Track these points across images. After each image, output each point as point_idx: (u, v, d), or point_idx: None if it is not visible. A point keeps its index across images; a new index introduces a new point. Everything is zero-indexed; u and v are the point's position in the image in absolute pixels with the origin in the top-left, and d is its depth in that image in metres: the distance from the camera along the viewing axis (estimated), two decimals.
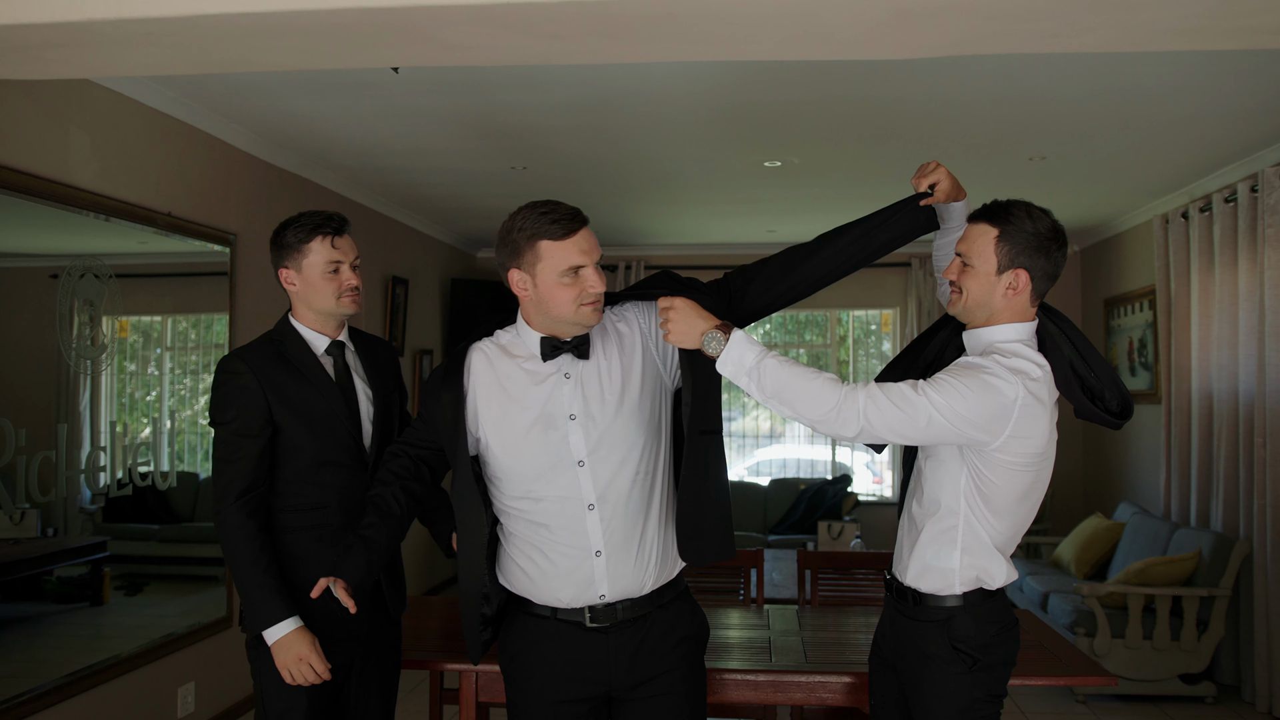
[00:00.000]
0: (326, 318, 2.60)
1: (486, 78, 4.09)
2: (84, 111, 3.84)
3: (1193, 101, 4.38)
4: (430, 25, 2.49)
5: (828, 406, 2.12)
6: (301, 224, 2.55)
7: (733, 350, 2.14)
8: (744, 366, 2.14)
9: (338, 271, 2.56)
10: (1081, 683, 2.88)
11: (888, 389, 2.13)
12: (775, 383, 2.13)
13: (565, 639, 2.26)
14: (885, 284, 8.62)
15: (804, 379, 2.13)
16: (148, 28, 2.50)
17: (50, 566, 3.80)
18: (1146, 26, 2.46)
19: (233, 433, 2.47)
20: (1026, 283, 2.21)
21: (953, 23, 2.46)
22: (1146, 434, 6.85)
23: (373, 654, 2.63)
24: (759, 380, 2.14)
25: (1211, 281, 5.67)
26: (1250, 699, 5.15)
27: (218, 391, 2.51)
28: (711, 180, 6.01)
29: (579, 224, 2.19)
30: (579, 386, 2.24)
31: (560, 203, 2.21)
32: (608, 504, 2.22)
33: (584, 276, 2.18)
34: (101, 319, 3.97)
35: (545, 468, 2.21)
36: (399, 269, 7.05)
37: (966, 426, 2.11)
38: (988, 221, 2.23)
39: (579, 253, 2.17)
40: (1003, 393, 2.11)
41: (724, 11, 2.40)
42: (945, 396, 2.10)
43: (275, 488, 2.52)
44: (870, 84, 4.18)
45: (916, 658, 2.30)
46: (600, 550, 2.22)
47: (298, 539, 2.52)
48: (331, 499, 2.53)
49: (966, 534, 2.25)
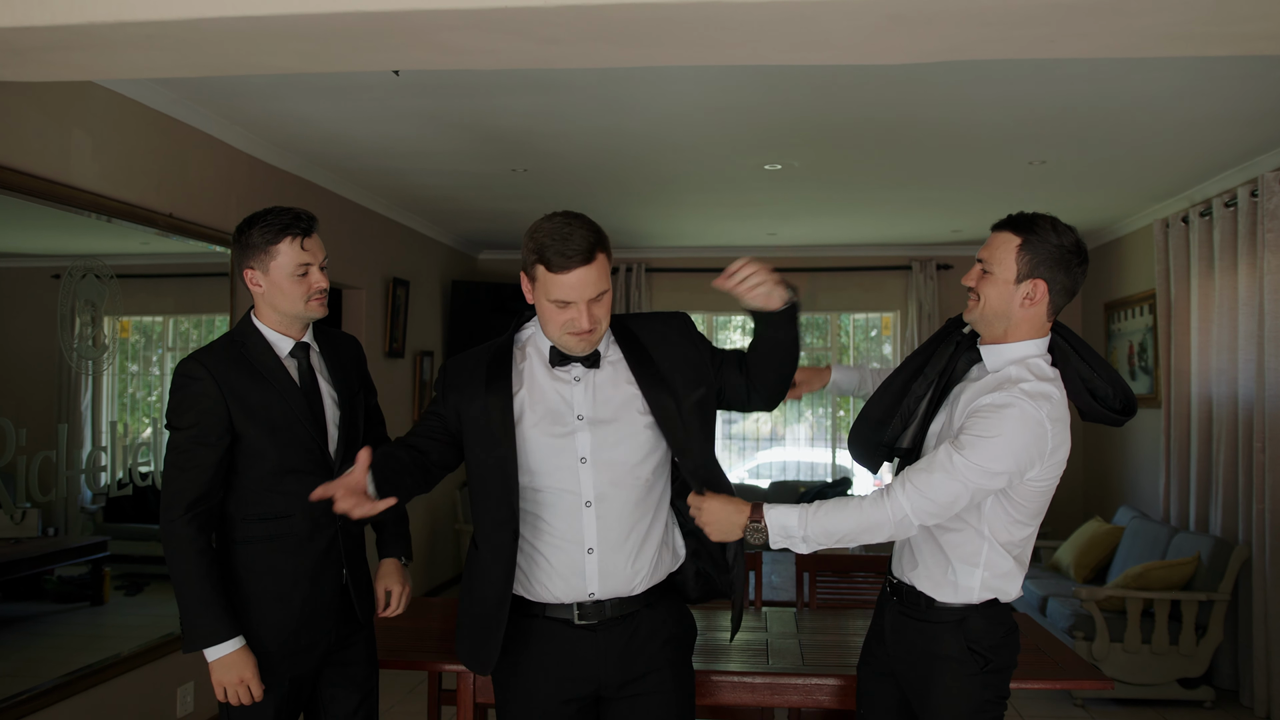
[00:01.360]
0: (292, 320, 2.50)
1: (487, 80, 4.10)
2: (86, 113, 3.86)
3: (1193, 106, 4.38)
4: (429, 29, 2.51)
5: (885, 531, 2.17)
6: (268, 223, 2.43)
7: (775, 532, 2.19)
8: (793, 537, 2.19)
9: (306, 274, 2.45)
10: (1079, 686, 2.89)
11: (924, 481, 2.14)
12: (826, 534, 2.18)
13: (554, 638, 2.27)
14: (886, 287, 8.63)
15: (849, 518, 2.17)
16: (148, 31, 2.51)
17: (51, 566, 3.81)
18: (1142, 32, 2.47)
19: (189, 439, 2.36)
20: (1044, 294, 2.21)
21: (949, 28, 2.47)
22: (1146, 438, 6.85)
23: (343, 661, 2.57)
24: (812, 542, 2.19)
25: (1211, 286, 5.67)
26: (1248, 704, 5.15)
27: (175, 395, 2.40)
28: (712, 183, 6.02)
29: (576, 263, 2.13)
30: (590, 390, 2.25)
31: (574, 231, 2.15)
32: (605, 502, 2.23)
33: (572, 309, 2.16)
34: (103, 319, 3.99)
35: (548, 461, 2.23)
36: (400, 270, 7.07)
37: (1010, 473, 2.14)
38: (1011, 230, 2.23)
39: (569, 289, 2.14)
40: (1038, 423, 2.12)
41: (721, 17, 2.41)
42: (981, 457, 2.10)
43: (235, 496, 2.43)
44: (871, 88, 4.19)
45: (926, 660, 2.29)
46: (593, 548, 2.24)
47: (255, 551, 2.43)
48: (296, 508, 2.42)
49: (990, 553, 2.25)
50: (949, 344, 2.39)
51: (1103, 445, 7.63)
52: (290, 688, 2.46)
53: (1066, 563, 6.40)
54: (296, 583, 2.45)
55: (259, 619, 2.42)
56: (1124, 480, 7.34)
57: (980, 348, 2.31)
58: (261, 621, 2.42)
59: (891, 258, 8.47)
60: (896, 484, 2.17)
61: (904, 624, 2.36)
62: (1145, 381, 6.88)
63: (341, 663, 2.58)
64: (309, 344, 2.55)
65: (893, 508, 2.15)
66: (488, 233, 7.95)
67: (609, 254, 2.21)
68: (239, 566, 2.44)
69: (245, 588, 2.43)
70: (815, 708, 3.07)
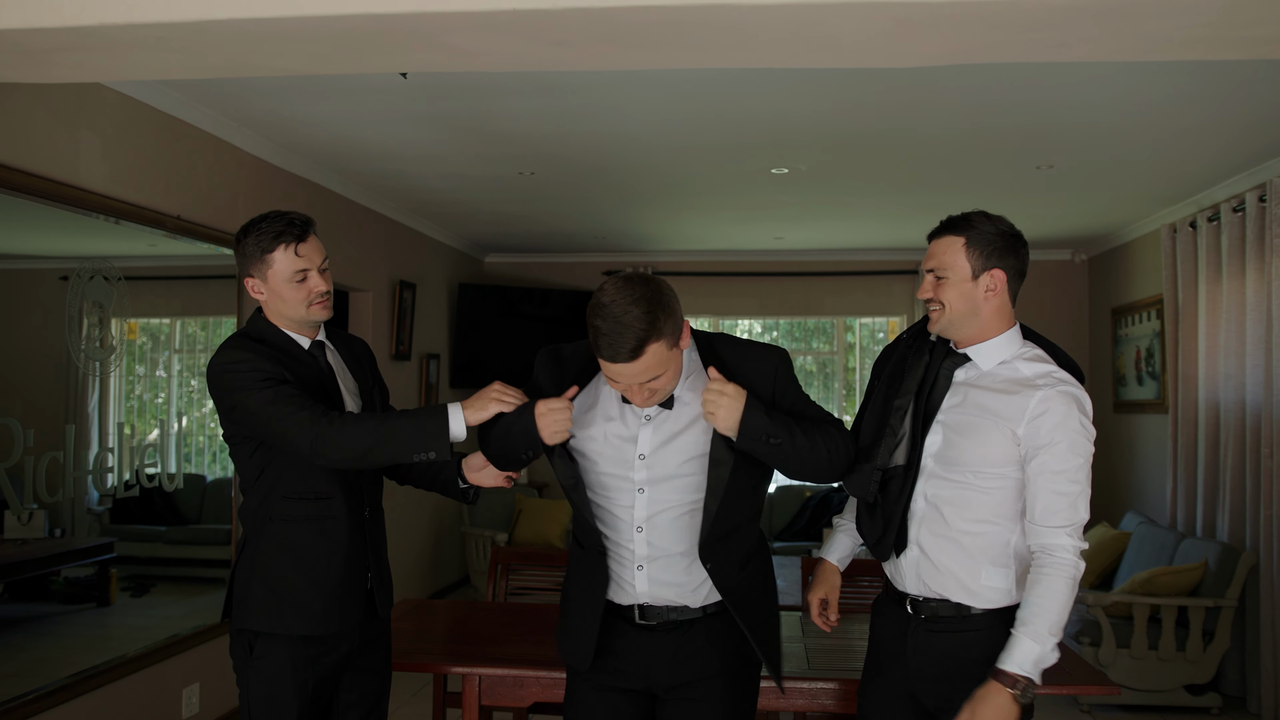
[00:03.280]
0: (299, 325, 2.51)
1: (495, 83, 4.11)
2: (94, 115, 3.87)
3: (1201, 111, 4.38)
4: (437, 31, 2.51)
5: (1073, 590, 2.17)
6: (262, 231, 2.42)
7: (1037, 674, 2.14)
8: (1047, 659, 2.16)
9: (305, 279, 2.44)
10: (1086, 692, 2.88)
11: (1072, 512, 2.16)
12: (1058, 629, 2.18)
13: (612, 630, 2.34)
14: (892, 291, 8.62)
15: (1057, 604, 2.15)
16: (157, 32, 2.52)
17: (57, 567, 3.82)
18: (1149, 36, 2.46)
19: (265, 381, 2.33)
20: (1003, 282, 2.26)
21: (956, 31, 2.47)
22: (1153, 444, 6.83)
23: (363, 655, 2.58)
24: (1055, 645, 2.19)
25: (1219, 291, 5.66)
26: (1256, 710, 5.13)
27: (229, 373, 2.37)
28: (718, 186, 6.03)
29: (623, 359, 2.09)
30: (655, 430, 2.27)
31: (625, 330, 2.07)
32: (656, 529, 2.28)
33: (624, 387, 2.18)
34: (110, 321, 4.00)
35: (608, 483, 2.30)
36: (407, 273, 7.08)
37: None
38: (951, 233, 2.28)
39: (618, 375, 2.14)
40: (1083, 401, 2.21)
41: (729, 19, 2.41)
42: (1084, 478, 2.18)
43: (281, 473, 2.43)
44: (878, 92, 4.19)
45: (968, 670, 2.22)
46: (642, 565, 2.29)
47: (294, 530, 2.44)
48: (335, 490, 2.46)
49: (1018, 547, 2.26)
50: (920, 355, 2.38)
51: (1110, 451, 7.61)
52: (313, 691, 2.46)
53: None
54: (330, 565, 2.46)
55: (292, 601, 2.42)
56: (1131, 485, 7.32)
57: (966, 350, 2.31)
58: (295, 603, 2.42)
59: (897, 262, 8.47)
60: (1048, 538, 2.17)
61: (933, 641, 2.29)
62: (1153, 387, 6.86)
63: (358, 669, 2.58)
64: (323, 342, 2.58)
65: (1074, 567, 2.15)
66: (495, 236, 7.96)
67: (670, 336, 2.12)
68: (276, 545, 2.44)
69: (280, 568, 2.44)
70: (820, 712, 3.06)
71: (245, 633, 2.44)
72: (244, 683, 2.45)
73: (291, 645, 2.42)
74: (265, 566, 2.44)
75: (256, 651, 2.43)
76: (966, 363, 2.31)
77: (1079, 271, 8.31)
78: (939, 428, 2.30)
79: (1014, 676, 2.12)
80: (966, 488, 2.26)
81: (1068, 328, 8.16)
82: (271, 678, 2.41)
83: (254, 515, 2.48)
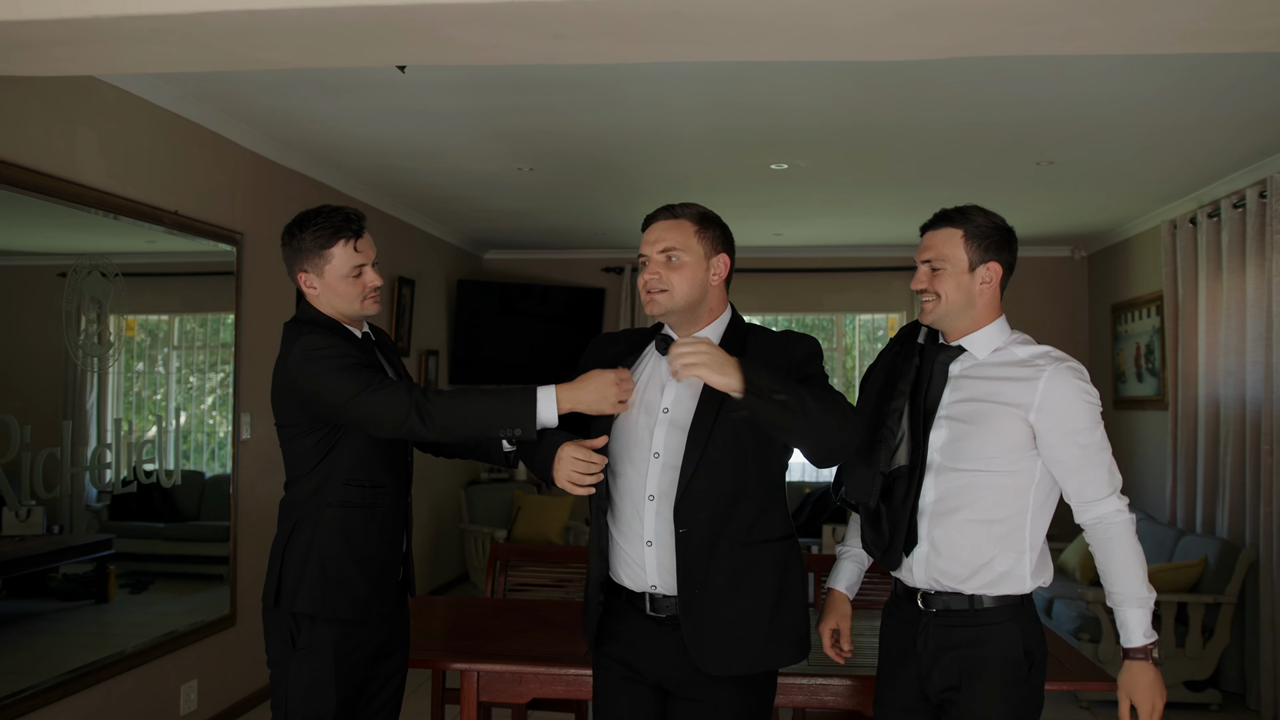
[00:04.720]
0: (350, 318, 2.53)
1: (494, 78, 4.10)
2: (91, 110, 3.86)
3: (1201, 107, 4.37)
4: (436, 24, 2.50)
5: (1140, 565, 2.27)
6: (320, 227, 2.43)
7: (1143, 634, 2.27)
8: (1141, 631, 2.27)
9: (361, 275, 2.47)
10: (1086, 688, 2.87)
11: (1109, 477, 2.25)
12: (1149, 595, 2.27)
13: (626, 619, 2.34)
14: (891, 288, 8.61)
15: (1134, 566, 2.24)
16: (154, 25, 2.51)
17: (56, 563, 3.81)
18: (1151, 29, 2.46)
19: (358, 364, 2.34)
20: (998, 274, 2.29)
21: (957, 24, 2.47)
22: (1153, 440, 6.83)
23: (392, 639, 2.61)
24: (1150, 612, 2.29)
25: (1219, 288, 5.65)
26: (1255, 707, 5.13)
27: (327, 348, 2.35)
28: (718, 182, 6.01)
29: (662, 216, 2.30)
30: (680, 388, 2.28)
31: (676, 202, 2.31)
32: (666, 500, 2.24)
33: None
34: (108, 317, 3.99)
35: (628, 447, 2.30)
36: (406, 269, 7.07)
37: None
38: (949, 225, 2.31)
39: (644, 243, 2.31)
40: (1083, 372, 2.25)
41: (729, 12, 2.40)
42: (1107, 443, 2.25)
43: (342, 459, 2.45)
44: (878, 88, 4.18)
45: (977, 666, 2.21)
46: (651, 541, 2.27)
47: (350, 515, 2.45)
48: (389, 480, 2.51)
49: (1031, 533, 2.26)
50: (909, 358, 2.37)
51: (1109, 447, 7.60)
52: (349, 677, 2.47)
53: (1073, 565, 6.37)
54: (378, 550, 2.50)
55: (339, 582, 2.44)
56: (1130, 482, 7.31)
57: (960, 343, 2.31)
58: (342, 585, 2.44)
59: (897, 259, 8.45)
60: (1100, 509, 2.24)
61: (945, 634, 2.26)
62: (1152, 383, 6.86)
63: (390, 642, 2.61)
64: (370, 334, 2.61)
65: (1130, 524, 2.24)
66: (494, 232, 7.95)
67: (710, 239, 2.29)
68: (330, 528, 2.45)
69: (332, 549, 2.45)
70: (820, 708, 3.05)
71: (288, 622, 2.44)
72: (283, 675, 2.45)
73: (335, 631, 2.44)
74: (322, 551, 2.45)
75: (300, 642, 2.44)
76: (960, 355, 2.31)
77: (1079, 268, 8.30)
78: (944, 423, 2.28)
79: (1143, 648, 2.22)
80: (978, 478, 2.24)
81: (1067, 324, 8.16)
82: (315, 665, 2.43)
83: (304, 502, 2.47)
